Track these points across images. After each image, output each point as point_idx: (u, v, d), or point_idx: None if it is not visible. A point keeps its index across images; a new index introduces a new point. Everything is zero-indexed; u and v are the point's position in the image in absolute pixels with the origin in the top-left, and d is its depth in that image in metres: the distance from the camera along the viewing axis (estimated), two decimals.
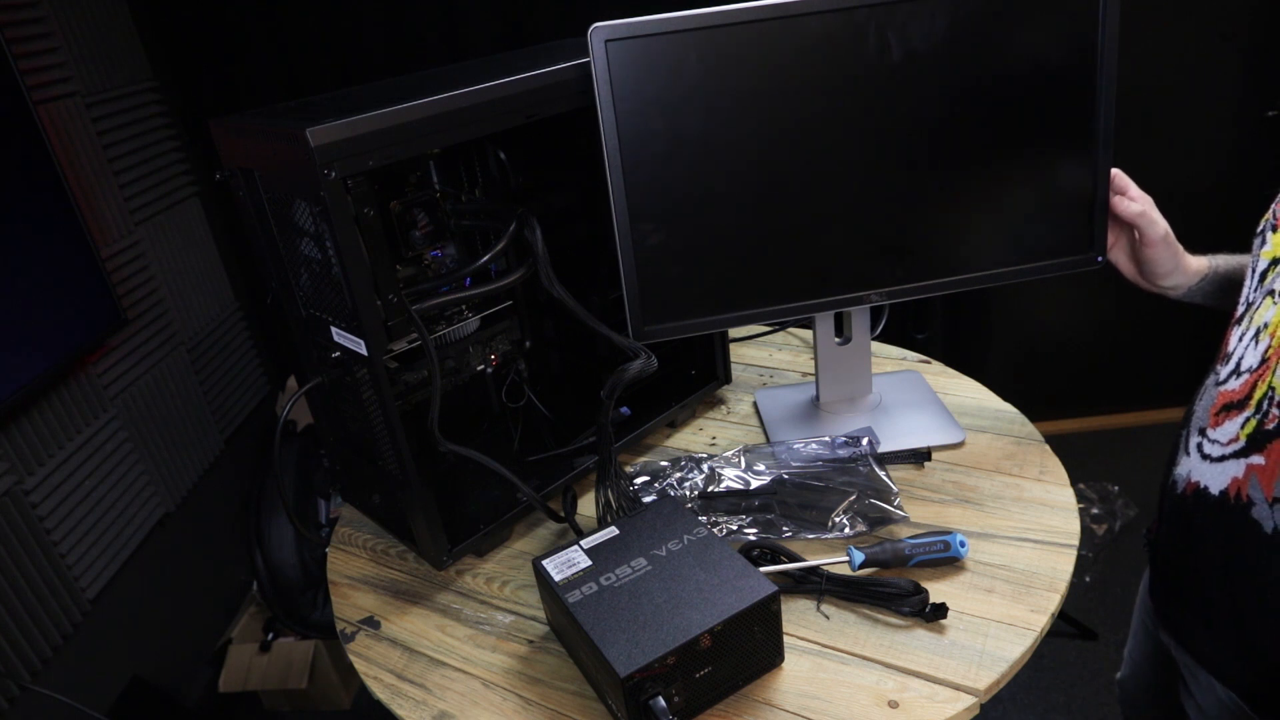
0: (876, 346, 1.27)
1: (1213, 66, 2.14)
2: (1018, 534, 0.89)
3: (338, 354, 0.87)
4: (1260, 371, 0.78)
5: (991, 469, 1.00)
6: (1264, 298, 0.82)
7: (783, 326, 1.40)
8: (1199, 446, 0.85)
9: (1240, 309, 0.86)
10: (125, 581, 1.85)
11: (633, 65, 0.87)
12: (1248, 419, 0.78)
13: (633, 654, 0.69)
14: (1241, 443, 0.79)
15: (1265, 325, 0.80)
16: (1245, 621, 0.81)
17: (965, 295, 2.28)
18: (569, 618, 0.75)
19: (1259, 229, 0.87)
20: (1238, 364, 0.82)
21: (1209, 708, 0.89)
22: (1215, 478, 0.82)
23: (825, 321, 1.08)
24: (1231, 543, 0.80)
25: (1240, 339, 0.83)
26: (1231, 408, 0.81)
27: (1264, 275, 0.83)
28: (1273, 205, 0.86)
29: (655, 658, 0.69)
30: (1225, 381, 0.83)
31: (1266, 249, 0.84)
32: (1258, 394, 0.78)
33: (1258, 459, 0.76)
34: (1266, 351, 0.78)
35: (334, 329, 0.86)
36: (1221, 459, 0.81)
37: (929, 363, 1.25)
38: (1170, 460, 0.91)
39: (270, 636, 2.10)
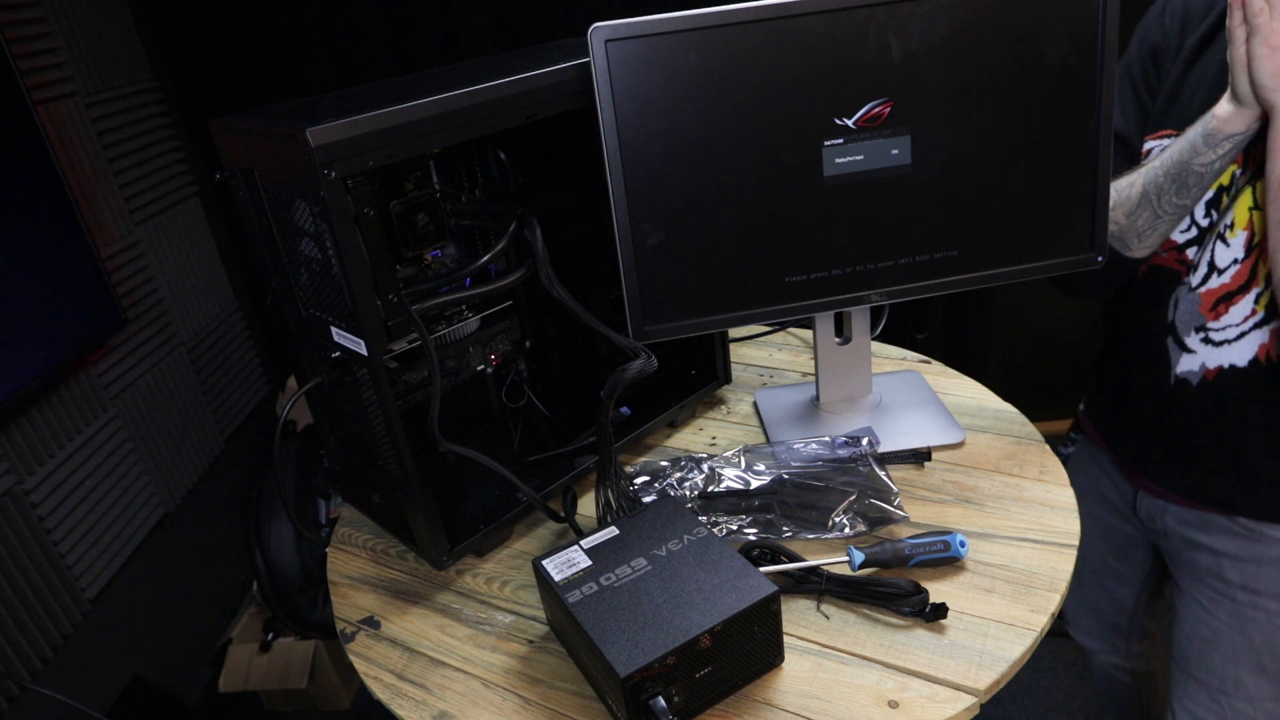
0: (876, 346, 1.27)
1: None
2: (1018, 534, 0.89)
3: (338, 354, 0.87)
4: (1252, 258, 0.95)
5: (991, 469, 1.00)
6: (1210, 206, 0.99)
7: (783, 326, 1.40)
8: (1205, 339, 1.01)
9: (1188, 233, 1.01)
10: (125, 581, 1.85)
11: (633, 65, 0.87)
12: (1259, 294, 0.96)
13: (633, 654, 0.69)
14: (1260, 314, 0.96)
15: (1229, 226, 0.97)
16: None
17: (965, 295, 2.28)
18: (569, 618, 0.75)
19: (1150, 149, 1.02)
20: (1210, 266, 0.99)
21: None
22: (1239, 353, 0.99)
23: (825, 321, 1.08)
24: (1271, 394, 0.98)
25: (1195, 251, 1.00)
26: (1231, 296, 0.98)
27: (1214, 201, 0.99)
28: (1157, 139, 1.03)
29: (655, 658, 0.69)
30: (1204, 284, 1.00)
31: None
32: (1263, 272, 0.95)
33: None
34: (1250, 242, 0.95)
35: (334, 329, 0.86)
36: (1240, 336, 0.98)
37: (929, 363, 1.25)
38: (1154, 374, 1.07)
39: (270, 636, 2.10)
